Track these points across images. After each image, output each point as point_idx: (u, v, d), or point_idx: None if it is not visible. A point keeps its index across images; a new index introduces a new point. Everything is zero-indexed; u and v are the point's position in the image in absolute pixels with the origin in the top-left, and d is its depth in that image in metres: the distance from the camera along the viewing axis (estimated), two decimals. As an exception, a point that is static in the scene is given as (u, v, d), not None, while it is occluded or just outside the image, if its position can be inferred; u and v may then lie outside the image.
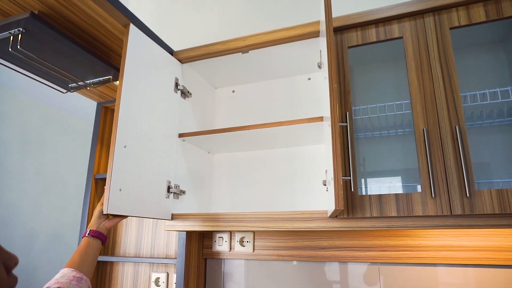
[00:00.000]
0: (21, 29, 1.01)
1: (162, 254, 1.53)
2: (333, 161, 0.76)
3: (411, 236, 1.19)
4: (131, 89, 1.08)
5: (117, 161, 1.00)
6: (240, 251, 1.40)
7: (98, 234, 0.96)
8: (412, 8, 1.06)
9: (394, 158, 1.23)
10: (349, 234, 1.27)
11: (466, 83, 1.13)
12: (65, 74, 1.20)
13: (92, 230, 0.95)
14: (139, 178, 1.09)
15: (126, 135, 1.05)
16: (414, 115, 1.00)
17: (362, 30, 1.13)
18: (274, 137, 1.29)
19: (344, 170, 1.01)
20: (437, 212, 0.91)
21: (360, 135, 1.25)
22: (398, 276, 1.19)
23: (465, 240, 1.13)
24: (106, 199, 0.96)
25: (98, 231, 0.96)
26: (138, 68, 1.12)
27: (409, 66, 1.04)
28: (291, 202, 1.36)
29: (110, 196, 0.96)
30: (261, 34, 1.23)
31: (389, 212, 0.95)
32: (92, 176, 1.59)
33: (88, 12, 1.05)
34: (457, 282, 1.12)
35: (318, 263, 1.30)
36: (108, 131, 1.70)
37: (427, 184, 0.93)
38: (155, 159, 1.17)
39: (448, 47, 1.01)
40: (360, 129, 1.24)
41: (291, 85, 1.50)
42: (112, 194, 0.97)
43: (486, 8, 1.01)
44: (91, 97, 1.64)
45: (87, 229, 0.97)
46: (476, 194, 0.89)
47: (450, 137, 0.95)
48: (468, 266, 1.12)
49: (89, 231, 0.95)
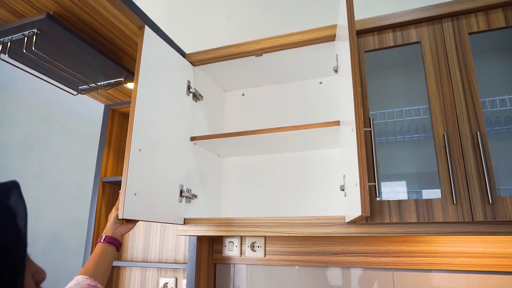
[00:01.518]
0: (36, 30, 0.99)
1: (171, 259, 1.51)
2: (359, 166, 0.75)
3: (426, 242, 1.18)
4: (145, 92, 1.06)
5: (132, 165, 0.98)
6: (251, 256, 1.38)
7: (114, 240, 0.94)
8: (430, 13, 1.06)
9: (410, 163, 1.22)
10: (363, 240, 1.25)
11: (484, 88, 1.12)
12: (77, 76, 1.19)
13: (108, 236, 0.93)
14: (153, 182, 1.07)
15: (141, 138, 1.03)
16: (433, 120, 0.99)
17: (379, 35, 1.12)
18: (286, 141, 1.28)
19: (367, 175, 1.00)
20: (458, 219, 0.90)
21: (376, 139, 1.25)
22: (412, 282, 1.18)
23: (482, 247, 1.12)
24: (122, 204, 0.94)
25: (113, 237, 0.94)
26: (153, 70, 1.10)
27: (428, 71, 1.03)
28: (303, 207, 1.34)
29: (125, 201, 0.94)
30: (276, 38, 1.22)
31: (409, 218, 0.94)
32: (99, 179, 1.57)
33: (103, 13, 1.04)
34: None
35: (331, 269, 1.29)
36: (115, 134, 1.68)
37: (448, 190, 0.92)
38: (168, 162, 1.15)
39: (467, 52, 1.01)
40: (376, 134, 1.24)
41: (302, 89, 1.49)
42: (128, 199, 0.95)
43: (506, 14, 1.01)
44: (99, 99, 1.62)
45: (102, 234, 0.95)
46: (499, 200, 0.88)
47: (471, 143, 0.94)
48: (485, 273, 1.11)
49: (105, 237, 0.93)
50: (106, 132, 1.63)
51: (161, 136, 1.13)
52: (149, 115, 1.07)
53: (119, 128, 1.71)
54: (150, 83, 1.09)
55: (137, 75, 1.04)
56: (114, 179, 1.56)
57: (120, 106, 1.66)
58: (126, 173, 0.96)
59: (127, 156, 0.98)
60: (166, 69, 1.19)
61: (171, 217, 1.14)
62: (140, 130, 1.03)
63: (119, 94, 1.57)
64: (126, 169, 0.97)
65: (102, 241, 0.92)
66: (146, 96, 1.07)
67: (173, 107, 1.21)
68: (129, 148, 0.99)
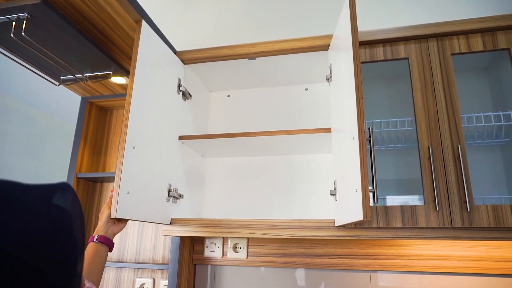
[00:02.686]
0: (26, 14, 0.93)
1: (148, 259, 1.47)
2: (361, 173, 0.79)
3: (402, 246, 1.26)
4: (140, 88, 1.04)
5: (126, 162, 0.96)
6: (233, 258, 1.39)
7: (106, 240, 0.90)
8: (418, 32, 1.14)
9: (394, 170, 1.30)
10: (344, 243, 1.31)
11: (463, 105, 1.22)
12: (64, 65, 1.13)
13: (101, 236, 0.90)
14: (145, 181, 1.05)
15: (135, 135, 1.00)
16: (418, 132, 1.06)
17: (370, 48, 1.18)
18: (273, 144, 1.30)
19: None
20: (439, 224, 0.98)
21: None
22: (388, 283, 1.25)
23: (451, 250, 1.21)
24: (115, 203, 0.91)
25: (106, 237, 0.90)
26: (147, 66, 1.08)
27: (414, 86, 1.11)
28: (288, 209, 1.37)
29: (119, 199, 0.91)
30: (271, 42, 1.24)
31: (395, 223, 1.01)
32: (74, 175, 1.49)
33: (101, 3, 0.99)
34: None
35: (312, 270, 1.33)
36: (92, 128, 1.61)
37: (431, 198, 1.00)
38: (158, 161, 1.13)
39: (450, 71, 1.10)
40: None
41: (288, 94, 1.52)
42: (121, 197, 0.92)
43: (484, 39, 1.11)
44: (76, 90, 1.54)
45: (94, 234, 0.91)
46: (475, 208, 0.97)
47: (452, 155, 1.02)
48: (454, 275, 1.20)
49: (97, 236, 0.90)
50: (83, 125, 1.55)
51: (153, 134, 1.11)
52: (142, 112, 1.05)
53: (96, 122, 1.64)
54: (145, 79, 1.06)
55: (133, 70, 1.01)
56: (90, 175, 1.49)
57: (98, 100, 1.59)
58: (120, 171, 0.93)
59: (121, 153, 0.95)
60: (160, 66, 1.16)
61: (159, 217, 1.12)
62: (134, 126, 1.00)
63: (98, 87, 1.50)
64: (120, 166, 0.94)
65: (95, 241, 0.89)
66: (141, 92, 1.04)
67: (164, 105, 1.18)
68: (123, 145, 0.96)
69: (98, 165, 1.63)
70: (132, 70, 1.01)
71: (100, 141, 1.65)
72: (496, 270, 1.17)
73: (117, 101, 1.61)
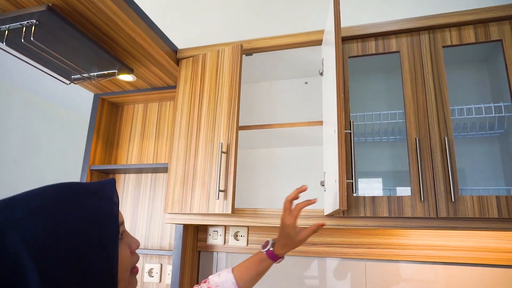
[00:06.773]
0: (35, 21, 1.01)
1: (156, 246, 1.57)
2: (339, 165, 0.83)
3: (396, 235, 1.29)
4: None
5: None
6: (234, 245, 1.46)
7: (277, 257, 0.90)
8: (409, 25, 1.15)
9: (385, 162, 1.32)
10: (339, 232, 1.35)
11: (454, 97, 1.23)
12: (71, 66, 1.22)
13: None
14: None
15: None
16: (407, 124, 1.09)
17: (363, 42, 1.20)
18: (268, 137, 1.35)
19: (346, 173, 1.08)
20: (424, 214, 1.01)
21: (355, 139, 1.34)
22: (382, 271, 1.28)
23: (444, 240, 1.23)
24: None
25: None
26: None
27: (405, 79, 1.13)
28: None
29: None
30: (266, 39, 1.29)
31: (382, 213, 1.04)
32: (87, 167, 1.60)
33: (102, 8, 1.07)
34: (435, 278, 1.23)
35: (309, 258, 1.38)
36: (104, 123, 1.71)
37: (417, 189, 1.03)
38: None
39: (440, 64, 1.11)
40: (356, 134, 1.33)
41: (288, 88, 1.56)
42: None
43: (476, 31, 1.11)
44: (89, 88, 1.64)
45: (269, 239, 0.92)
46: (460, 199, 0.99)
47: (439, 147, 1.04)
48: (447, 264, 1.22)
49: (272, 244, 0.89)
50: (96, 120, 1.66)
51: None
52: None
53: (107, 117, 1.74)
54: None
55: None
56: (103, 167, 1.60)
57: (109, 96, 1.69)
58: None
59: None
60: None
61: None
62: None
63: (109, 84, 1.59)
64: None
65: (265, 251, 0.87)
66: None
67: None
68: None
69: (110, 158, 1.73)
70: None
71: (112, 135, 1.76)
72: (490, 261, 1.18)
73: (127, 97, 1.70)
